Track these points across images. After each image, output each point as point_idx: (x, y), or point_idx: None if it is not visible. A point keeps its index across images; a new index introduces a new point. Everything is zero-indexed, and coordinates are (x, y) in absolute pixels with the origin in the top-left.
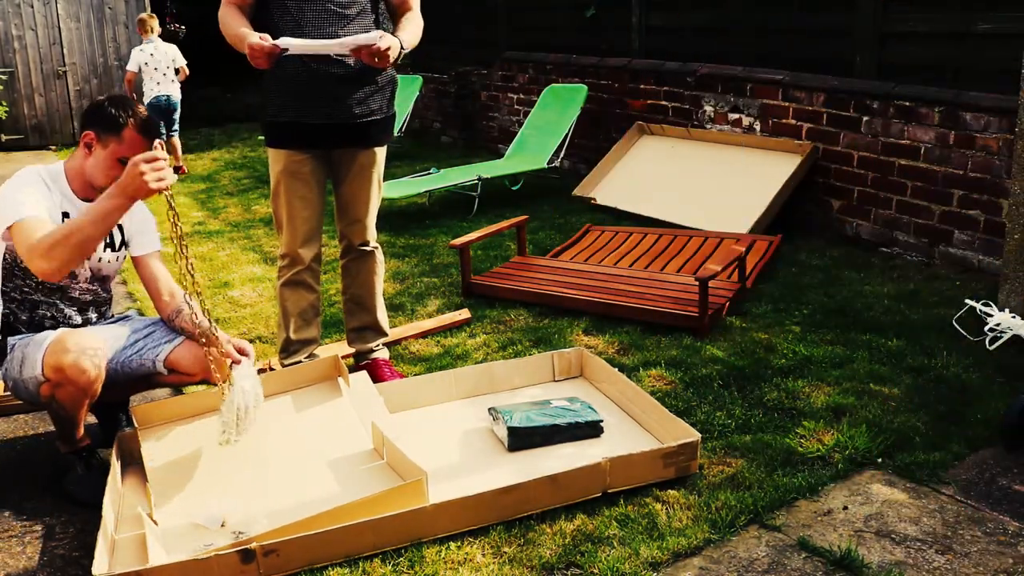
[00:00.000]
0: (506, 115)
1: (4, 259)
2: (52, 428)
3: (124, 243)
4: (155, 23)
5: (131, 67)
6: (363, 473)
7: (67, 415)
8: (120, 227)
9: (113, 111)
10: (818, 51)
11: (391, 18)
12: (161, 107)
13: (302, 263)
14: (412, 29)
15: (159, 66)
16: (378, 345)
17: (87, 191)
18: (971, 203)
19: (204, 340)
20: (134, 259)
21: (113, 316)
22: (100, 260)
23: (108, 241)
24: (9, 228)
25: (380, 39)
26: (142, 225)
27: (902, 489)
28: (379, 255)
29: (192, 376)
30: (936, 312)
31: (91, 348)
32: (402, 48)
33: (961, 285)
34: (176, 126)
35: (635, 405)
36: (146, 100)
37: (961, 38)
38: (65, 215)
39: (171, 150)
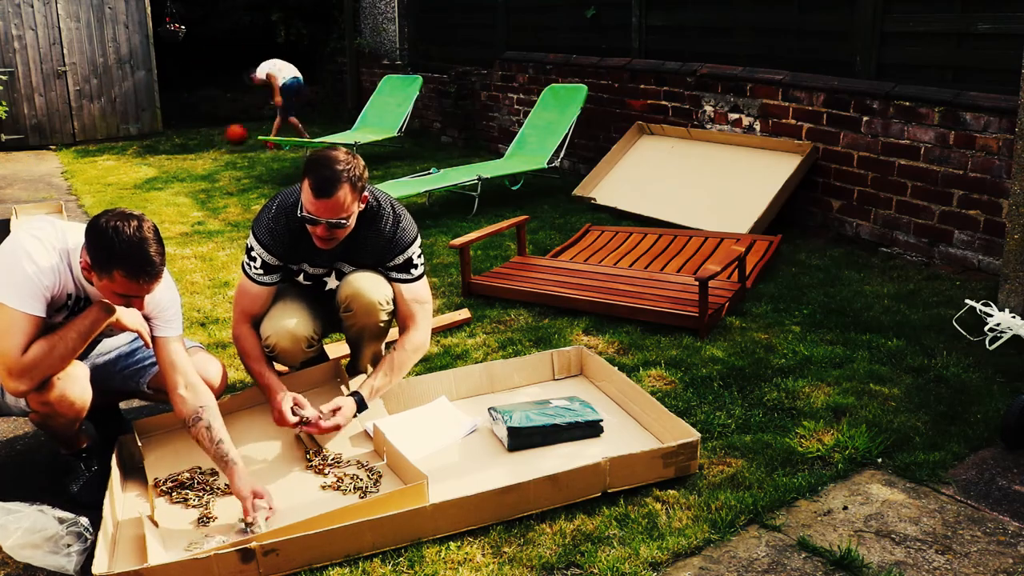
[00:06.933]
0: (506, 115)
1: None
2: None
3: (145, 317)
4: None
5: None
6: (363, 474)
7: (61, 433)
8: None
9: (104, 249)
10: (818, 51)
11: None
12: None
13: None
14: (397, 365)
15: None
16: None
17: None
18: (971, 203)
19: (219, 465)
20: (152, 340)
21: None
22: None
23: None
24: None
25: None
26: (166, 304)
27: (902, 489)
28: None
29: None
30: (936, 312)
31: (74, 378)
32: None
33: (961, 285)
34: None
35: (635, 404)
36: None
37: (961, 38)
38: (69, 296)
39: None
